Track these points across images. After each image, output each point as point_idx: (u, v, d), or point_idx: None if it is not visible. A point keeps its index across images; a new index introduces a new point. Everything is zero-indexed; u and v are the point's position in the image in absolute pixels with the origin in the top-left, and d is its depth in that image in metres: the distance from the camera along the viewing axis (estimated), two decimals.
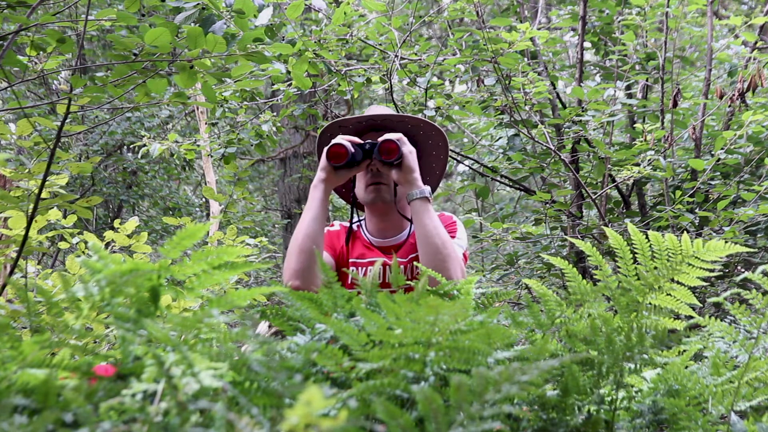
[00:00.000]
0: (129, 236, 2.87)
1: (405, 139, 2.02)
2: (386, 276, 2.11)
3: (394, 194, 2.16)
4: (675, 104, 4.00)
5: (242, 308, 1.07)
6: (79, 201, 2.27)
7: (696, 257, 1.14)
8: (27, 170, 2.18)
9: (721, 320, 1.23)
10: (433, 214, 1.99)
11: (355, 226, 2.23)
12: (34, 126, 2.14)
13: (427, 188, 2.01)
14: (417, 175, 2.00)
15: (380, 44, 3.83)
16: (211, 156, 4.71)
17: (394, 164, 2.02)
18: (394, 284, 1.24)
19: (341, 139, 2.02)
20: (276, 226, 9.64)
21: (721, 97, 4.12)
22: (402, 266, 2.12)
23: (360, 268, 2.14)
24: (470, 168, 5.07)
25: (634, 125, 4.76)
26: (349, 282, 2.09)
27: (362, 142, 2.02)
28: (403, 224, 2.20)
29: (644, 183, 4.52)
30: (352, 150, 1.99)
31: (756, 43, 4.27)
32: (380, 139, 2.01)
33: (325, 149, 2.01)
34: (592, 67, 5.80)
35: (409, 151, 2.00)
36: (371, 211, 2.18)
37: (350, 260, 2.15)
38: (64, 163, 2.48)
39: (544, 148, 4.11)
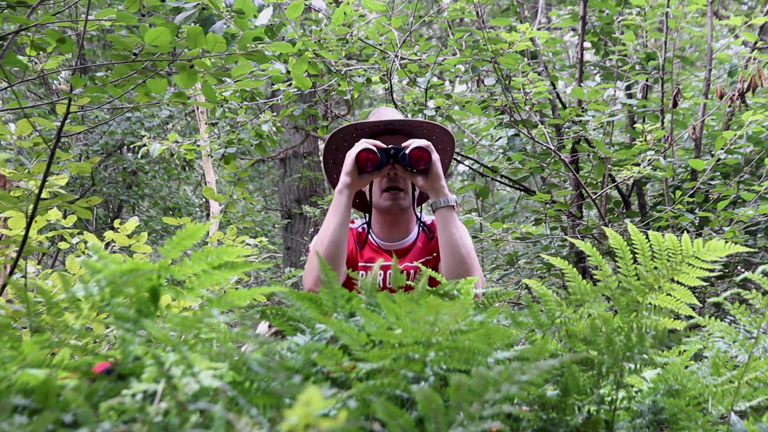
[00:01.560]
0: (129, 236, 2.87)
1: (432, 146, 2.00)
2: (387, 281, 2.10)
3: (412, 199, 2.15)
4: (675, 104, 4.00)
5: (242, 308, 1.07)
6: (79, 201, 2.26)
7: (696, 257, 1.14)
8: (26, 170, 2.18)
9: (721, 320, 1.23)
10: (458, 223, 1.98)
11: (360, 229, 2.21)
12: (34, 126, 2.14)
13: (453, 196, 2.00)
14: (443, 182, 1.99)
15: (380, 44, 3.83)
16: (211, 156, 4.71)
17: (421, 171, 2.00)
18: (394, 285, 1.24)
19: (367, 143, 1.99)
20: (276, 226, 9.64)
21: (721, 97, 4.12)
22: (412, 270, 2.11)
23: (370, 273, 2.12)
24: (470, 168, 5.07)
25: (634, 125, 4.76)
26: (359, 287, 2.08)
27: (386, 146, 2.00)
28: (410, 227, 2.19)
29: (644, 183, 4.52)
30: (378, 153, 1.98)
31: (756, 43, 4.27)
32: (411, 146, 1.99)
33: (355, 153, 1.97)
34: (592, 67, 5.79)
35: (436, 158, 1.99)
36: (383, 214, 2.16)
37: (360, 264, 2.14)
38: (64, 163, 2.48)
39: (544, 148, 4.11)
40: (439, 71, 4.28)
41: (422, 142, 1.99)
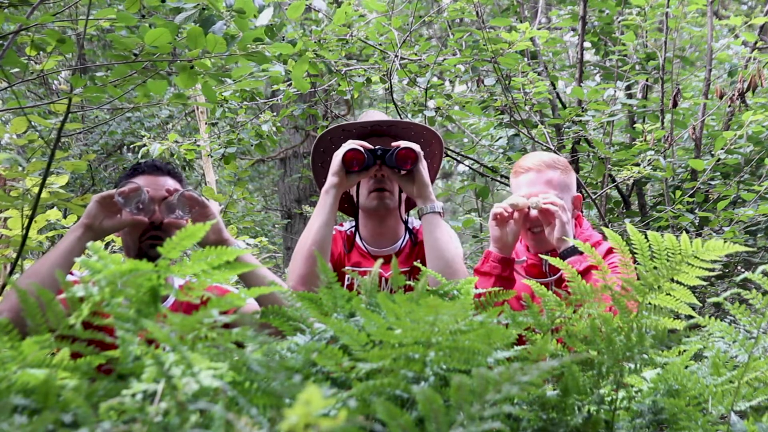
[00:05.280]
0: None
1: (421, 153, 2.01)
2: (382, 286, 2.10)
3: (398, 201, 2.15)
4: (675, 104, 4.00)
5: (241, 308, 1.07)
6: (75, 199, 2.27)
7: (696, 257, 1.14)
8: (21, 169, 2.19)
9: (721, 320, 1.23)
10: (444, 229, 1.99)
11: (349, 232, 2.22)
12: (33, 126, 2.14)
13: (439, 203, 2.01)
14: (430, 189, 2.01)
15: (380, 44, 3.83)
16: (211, 156, 4.72)
17: (404, 172, 2.01)
18: (394, 285, 1.24)
19: (354, 144, 1.99)
20: (276, 226, 9.63)
21: (721, 97, 4.12)
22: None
23: (368, 274, 2.12)
24: (470, 168, 5.07)
25: (634, 125, 4.76)
26: (346, 285, 2.09)
27: (373, 147, 2.01)
28: (398, 233, 2.20)
29: (644, 183, 4.52)
30: (365, 153, 1.98)
31: (756, 43, 4.27)
32: (400, 144, 2.00)
33: (341, 153, 1.98)
34: (592, 67, 5.79)
35: (423, 166, 2.00)
36: (370, 217, 2.16)
37: (346, 268, 2.14)
38: (59, 161, 2.48)
39: (544, 148, 4.10)
40: (439, 71, 4.27)
41: (412, 145, 2.00)
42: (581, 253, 1.91)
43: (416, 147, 2.00)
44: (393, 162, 2.00)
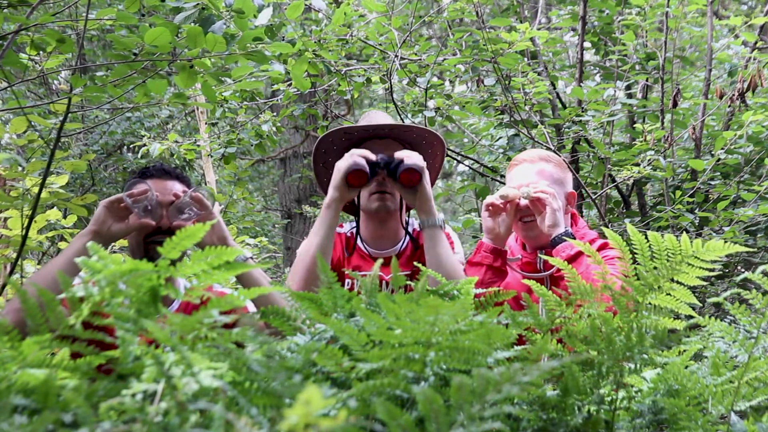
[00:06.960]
0: None
1: (424, 168, 1.99)
2: (383, 288, 2.10)
3: (399, 204, 2.15)
4: (675, 104, 4.00)
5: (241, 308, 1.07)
6: (74, 199, 2.27)
7: (696, 257, 1.14)
8: (21, 169, 2.19)
9: (721, 320, 1.23)
10: (445, 242, 2.00)
11: (349, 233, 2.22)
12: (33, 125, 2.14)
13: (441, 216, 2.01)
14: (432, 203, 2.01)
15: (380, 44, 3.83)
16: (211, 156, 4.72)
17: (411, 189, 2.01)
18: (394, 286, 1.24)
19: (358, 158, 1.97)
20: (276, 226, 9.63)
21: (721, 97, 4.12)
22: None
23: (369, 275, 2.12)
24: (470, 168, 5.06)
25: (634, 125, 4.76)
26: (347, 288, 2.09)
27: (375, 159, 1.99)
28: (398, 235, 2.20)
29: (644, 183, 4.52)
30: (368, 170, 1.97)
31: (756, 43, 4.27)
32: (402, 167, 1.97)
33: (344, 169, 1.95)
34: (592, 67, 5.79)
35: (427, 180, 2.00)
36: (371, 218, 2.17)
37: (346, 271, 2.15)
38: (59, 161, 2.48)
39: (544, 148, 4.10)
40: (439, 71, 4.27)
41: (413, 160, 1.97)
42: (573, 237, 1.94)
43: (420, 163, 1.97)
44: (396, 178, 1.99)
